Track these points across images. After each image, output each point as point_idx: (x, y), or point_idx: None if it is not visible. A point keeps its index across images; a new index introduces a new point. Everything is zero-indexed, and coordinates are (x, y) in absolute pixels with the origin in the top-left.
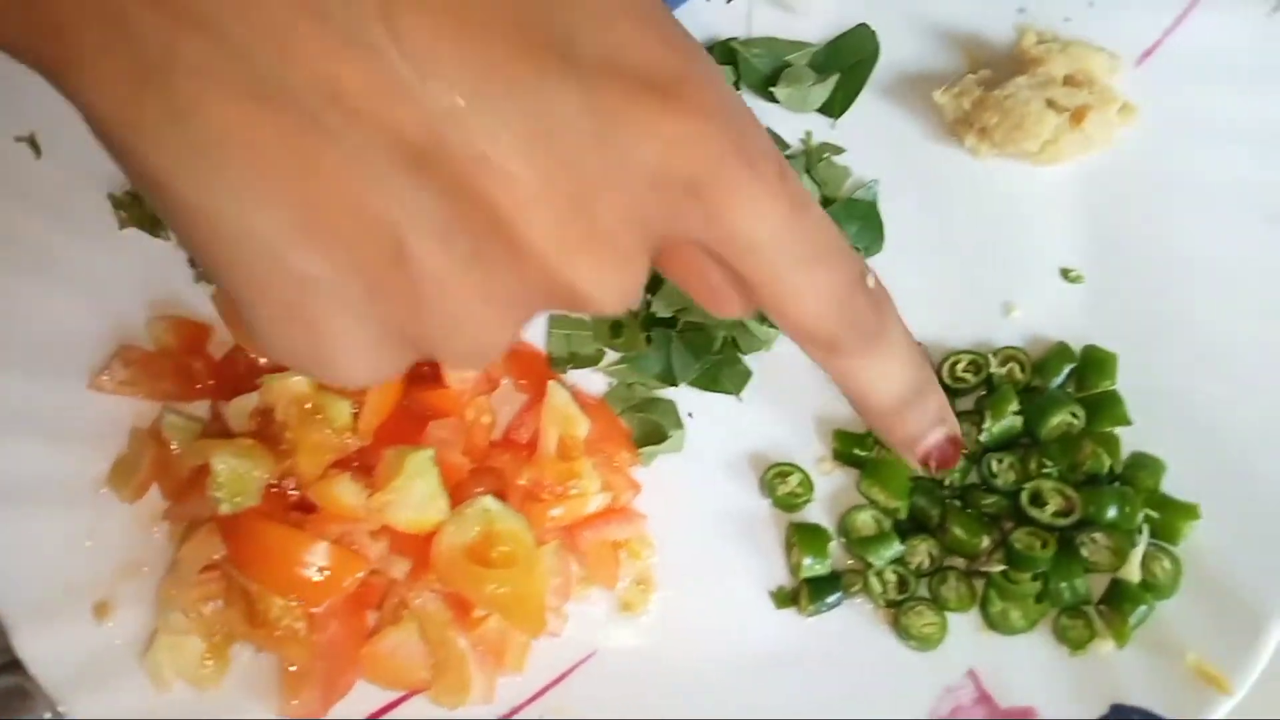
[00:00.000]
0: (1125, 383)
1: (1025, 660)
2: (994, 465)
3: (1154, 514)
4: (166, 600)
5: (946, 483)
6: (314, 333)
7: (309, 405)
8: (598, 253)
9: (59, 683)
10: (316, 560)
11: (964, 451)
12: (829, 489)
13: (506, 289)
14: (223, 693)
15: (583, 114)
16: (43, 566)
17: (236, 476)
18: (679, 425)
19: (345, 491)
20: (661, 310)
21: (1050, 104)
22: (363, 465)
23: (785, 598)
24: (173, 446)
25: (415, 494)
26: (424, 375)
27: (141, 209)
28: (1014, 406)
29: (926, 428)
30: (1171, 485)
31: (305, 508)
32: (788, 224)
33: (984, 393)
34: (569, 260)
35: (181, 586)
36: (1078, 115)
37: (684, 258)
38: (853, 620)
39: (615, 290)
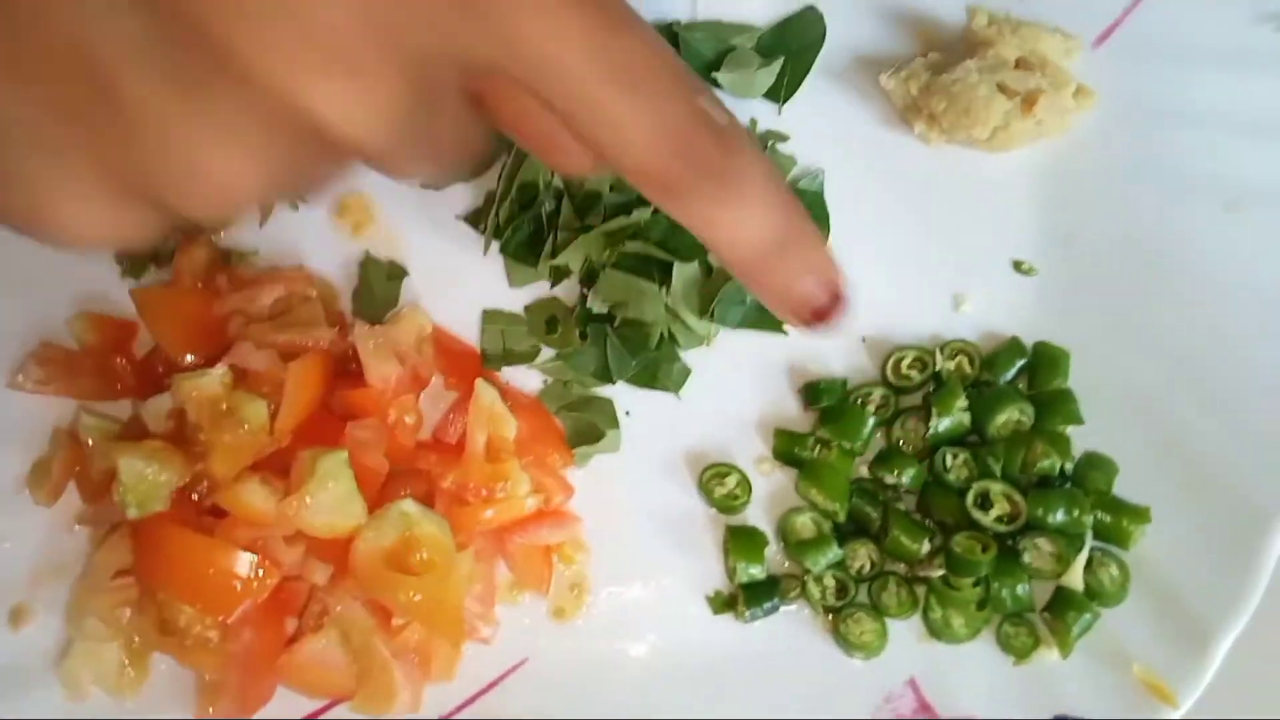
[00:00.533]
0: (1078, 380)
1: (967, 669)
2: (948, 460)
3: (1104, 517)
4: (79, 606)
5: (894, 483)
6: (29, 188)
7: (223, 406)
8: (333, 71)
9: None
10: (226, 568)
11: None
12: (768, 489)
13: (239, 120)
14: (142, 701)
15: None
16: None
17: (144, 480)
18: (615, 425)
19: (255, 496)
20: (598, 305)
21: (1001, 89)
22: (279, 467)
23: (722, 603)
24: (91, 451)
25: (329, 498)
26: (347, 374)
27: None
28: (961, 402)
29: (794, 278)
30: (1123, 488)
31: (219, 513)
32: (598, 44)
33: (932, 389)
34: (300, 81)
35: (95, 593)
36: (1029, 100)
37: (505, 99)
38: (792, 626)
39: (361, 114)
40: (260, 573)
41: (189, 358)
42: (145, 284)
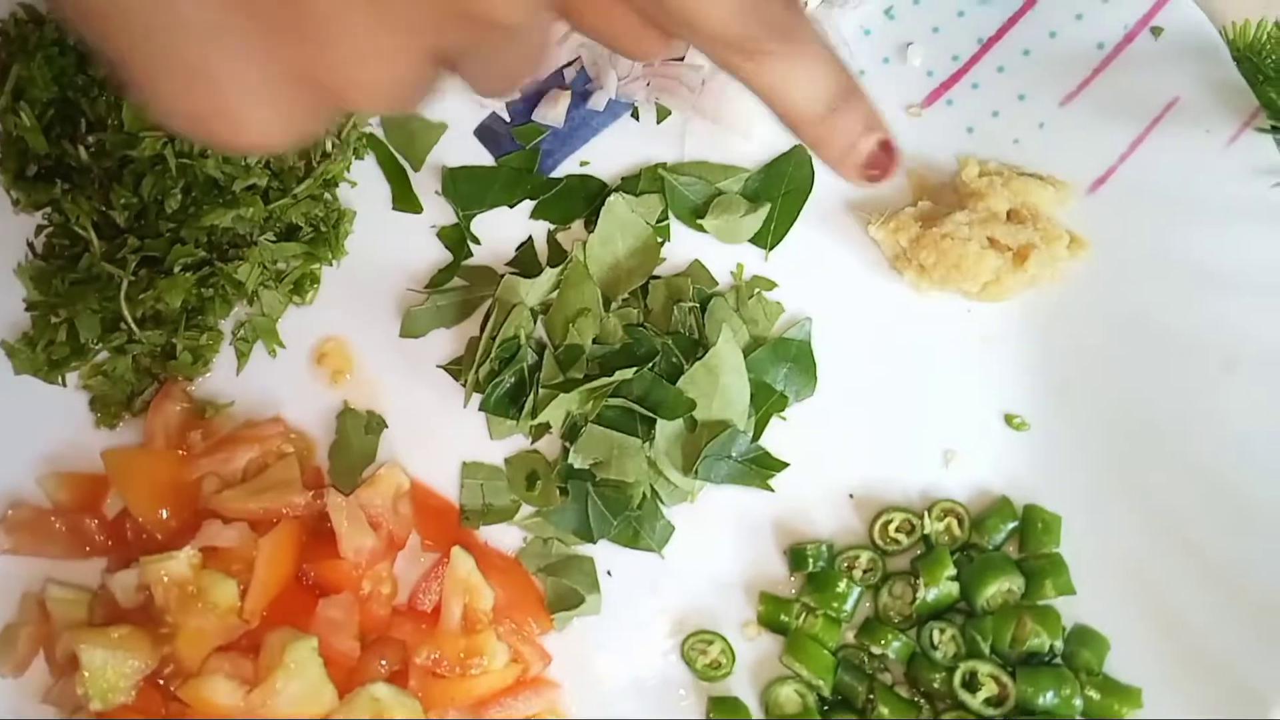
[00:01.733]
0: (1069, 544)
1: None
2: (935, 636)
3: (1095, 695)
4: None
5: (880, 653)
6: (217, 87)
7: (191, 588)
8: None
9: None
10: None
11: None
12: (753, 654)
13: (406, 11)
14: None
15: None
16: None
17: (108, 671)
18: (596, 588)
19: (219, 691)
20: (579, 462)
21: (993, 242)
22: (249, 646)
23: None
24: (59, 622)
25: (299, 686)
26: (320, 535)
27: (34, 355)
28: (950, 571)
29: (858, 135)
30: (1115, 664)
31: (171, 700)
32: None
33: (920, 552)
34: None
35: None
36: (1021, 255)
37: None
38: None
39: (519, 3)
40: None
41: (163, 513)
42: (117, 443)
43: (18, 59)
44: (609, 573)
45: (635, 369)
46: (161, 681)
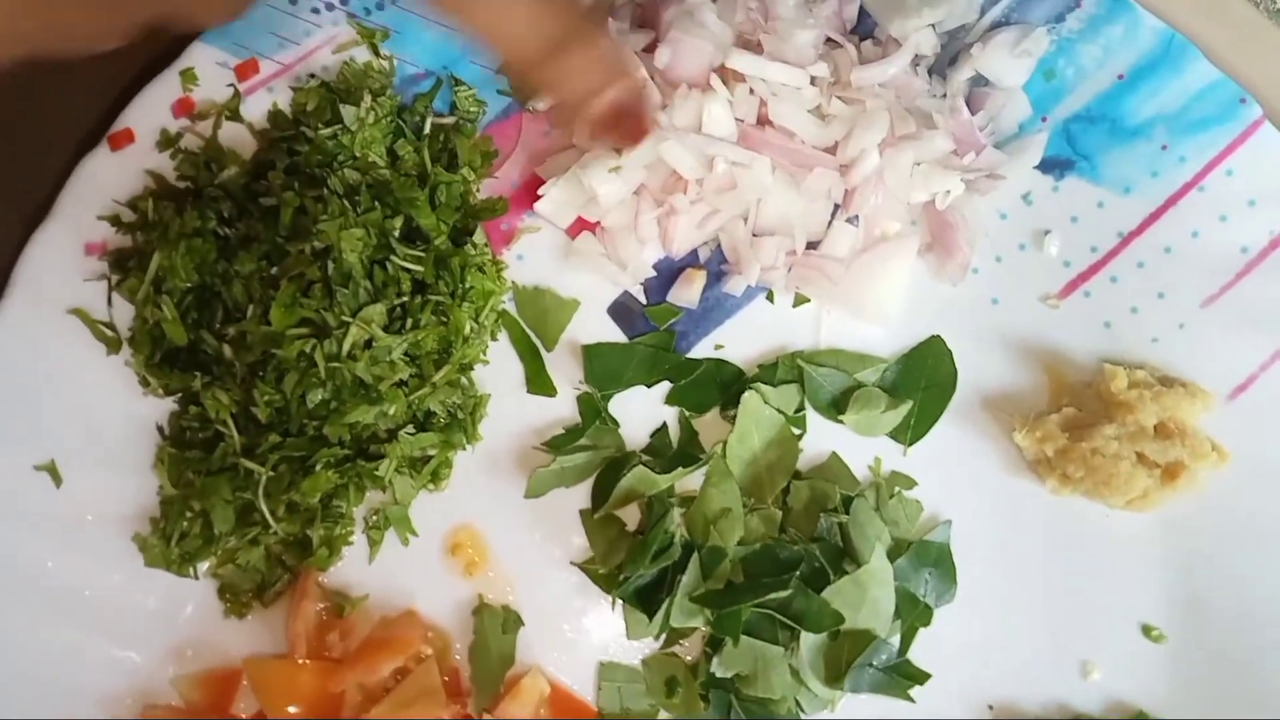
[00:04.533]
0: None
1: None
2: None
3: None
4: None
5: None
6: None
7: None
8: None
9: None
10: None
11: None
12: None
13: None
14: None
15: None
16: None
17: None
18: None
19: None
20: (721, 671)
21: (1141, 457)
22: None
23: None
24: None
25: None
26: None
27: (165, 548)
28: None
29: (593, 84)
30: None
31: None
32: None
33: None
34: None
35: None
36: (1170, 473)
37: None
38: None
39: None
40: None
41: None
42: (246, 635)
43: (159, 246)
44: None
45: (781, 577)
46: None
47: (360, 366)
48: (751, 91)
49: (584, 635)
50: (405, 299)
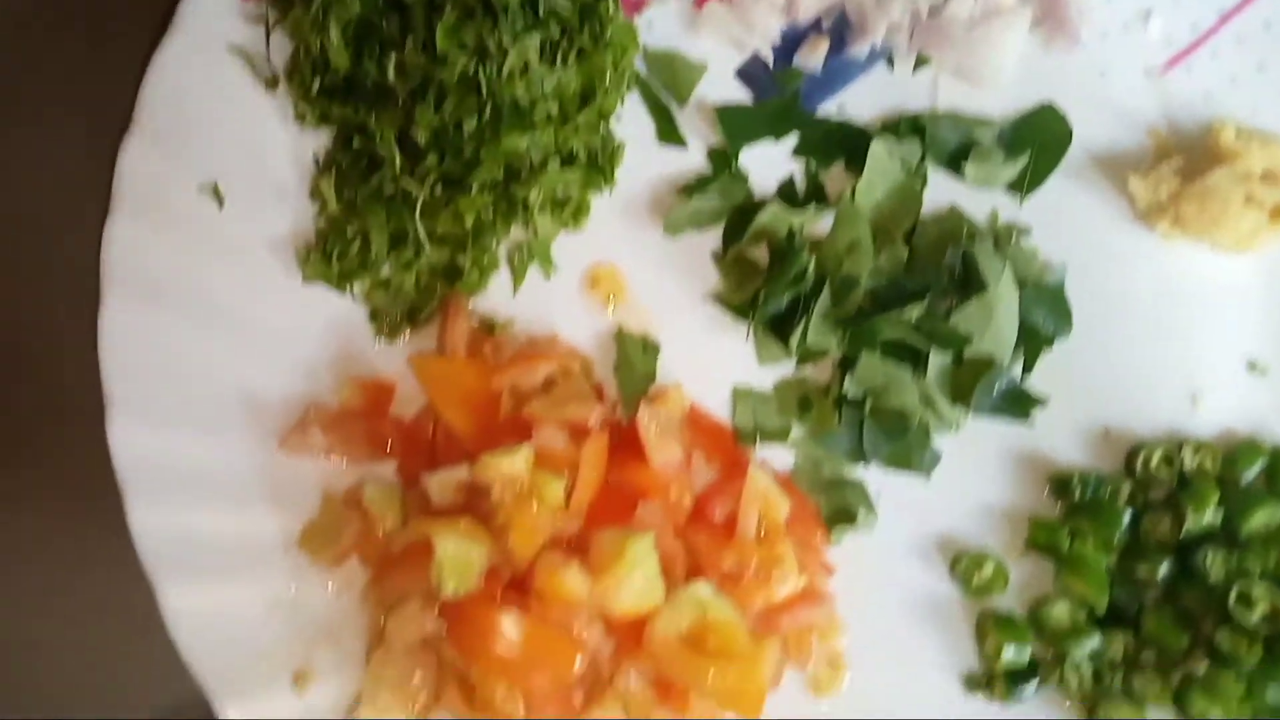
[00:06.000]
0: None
1: None
2: (1208, 558)
3: None
4: (376, 678)
5: (1142, 576)
6: None
7: (524, 485)
8: None
9: None
10: (543, 647)
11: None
12: (1018, 576)
13: None
14: None
15: None
16: (240, 636)
17: (459, 559)
18: (871, 507)
19: (571, 580)
20: (854, 390)
21: (1249, 198)
22: (575, 546)
23: (977, 683)
24: (377, 519)
25: (636, 581)
26: (621, 458)
27: (325, 264)
28: (1214, 501)
29: None
30: None
31: (519, 591)
32: None
33: (1177, 485)
34: None
35: (391, 664)
36: (1276, 212)
37: None
38: (1040, 709)
39: None
40: (570, 651)
41: (468, 420)
42: (413, 350)
43: None
44: (878, 494)
45: (910, 303)
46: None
47: (520, 88)
48: None
49: (717, 365)
50: (554, 38)
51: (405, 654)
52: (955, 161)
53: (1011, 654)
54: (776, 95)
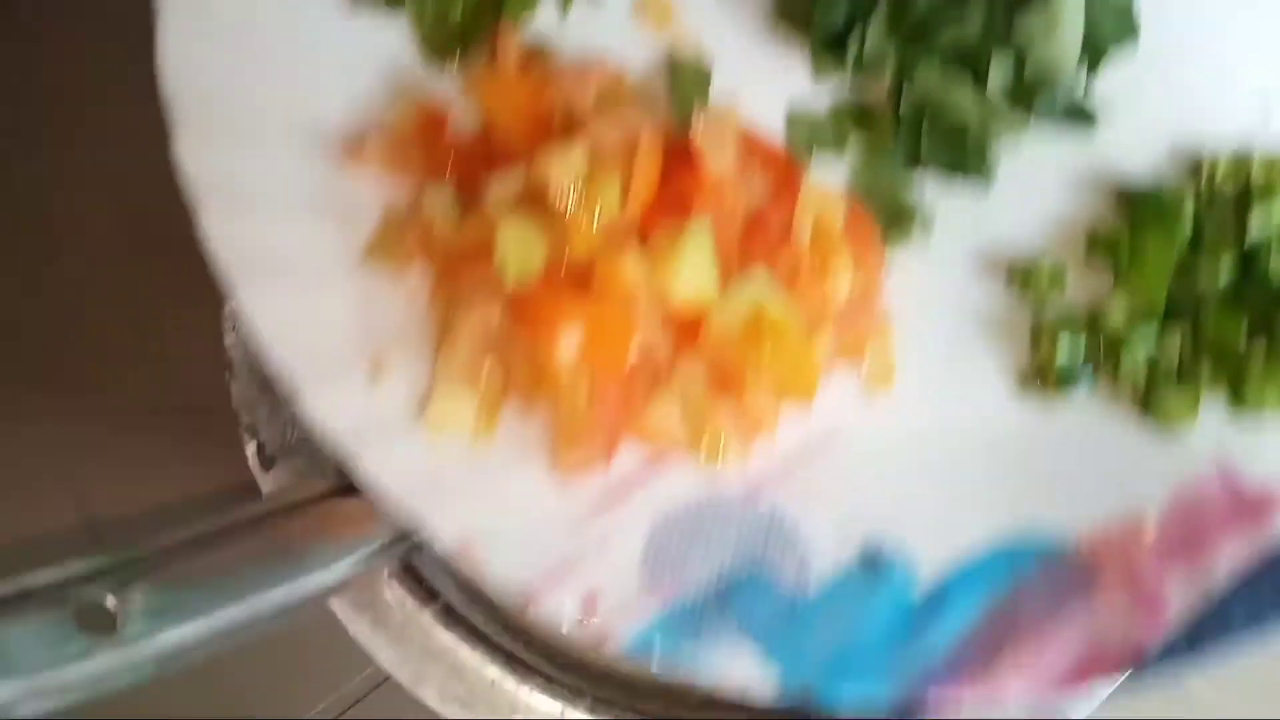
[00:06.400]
0: None
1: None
2: (1271, 259)
3: None
4: (446, 370)
5: (1207, 280)
6: None
7: (582, 180)
8: None
9: (343, 440)
10: (608, 333)
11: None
12: (1076, 291)
13: None
14: (493, 450)
15: None
16: (316, 336)
17: (521, 245)
18: (927, 219)
19: (630, 265)
20: (912, 101)
21: None
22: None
23: (1030, 378)
24: (436, 222)
25: (695, 264)
26: (675, 166)
27: None
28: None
29: None
30: None
31: (579, 286)
32: None
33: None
34: None
35: (459, 358)
36: None
37: None
38: (1095, 408)
39: None
40: (628, 333)
41: (522, 133)
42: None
43: None
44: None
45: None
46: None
47: None
48: None
49: (771, 90)
50: None
51: (473, 347)
52: None
53: (1066, 346)
54: None
